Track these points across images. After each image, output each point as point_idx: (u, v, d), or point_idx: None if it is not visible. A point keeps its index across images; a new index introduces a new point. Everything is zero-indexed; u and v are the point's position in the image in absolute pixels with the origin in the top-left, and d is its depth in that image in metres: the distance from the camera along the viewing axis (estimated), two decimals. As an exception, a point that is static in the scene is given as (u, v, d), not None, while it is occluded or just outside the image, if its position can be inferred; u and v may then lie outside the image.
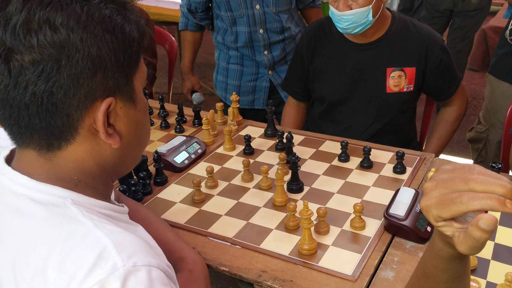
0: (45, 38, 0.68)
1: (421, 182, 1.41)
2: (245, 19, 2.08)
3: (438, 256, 0.69)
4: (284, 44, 2.17)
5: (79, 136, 0.75)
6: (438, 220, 0.62)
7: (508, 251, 1.13)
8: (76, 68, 0.70)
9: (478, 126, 2.25)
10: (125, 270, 0.67)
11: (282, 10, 2.09)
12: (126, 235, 0.73)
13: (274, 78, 2.23)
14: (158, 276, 0.71)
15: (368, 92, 1.84)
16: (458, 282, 0.73)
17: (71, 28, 0.70)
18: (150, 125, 1.81)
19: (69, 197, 0.75)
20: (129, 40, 0.75)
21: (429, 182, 0.64)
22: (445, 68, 1.82)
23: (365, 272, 1.09)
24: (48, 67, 0.69)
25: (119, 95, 0.76)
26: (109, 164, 0.81)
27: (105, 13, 0.73)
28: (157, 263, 0.72)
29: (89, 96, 0.73)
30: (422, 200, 0.64)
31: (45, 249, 0.70)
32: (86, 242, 0.69)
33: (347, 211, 1.29)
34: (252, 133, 1.73)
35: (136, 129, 0.82)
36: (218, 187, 1.43)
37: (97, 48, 0.71)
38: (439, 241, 0.68)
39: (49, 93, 0.70)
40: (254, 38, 2.12)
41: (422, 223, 1.19)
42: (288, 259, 1.14)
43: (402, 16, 1.84)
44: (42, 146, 0.76)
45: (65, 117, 0.73)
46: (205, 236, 1.23)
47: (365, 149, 1.48)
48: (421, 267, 0.76)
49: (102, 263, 0.67)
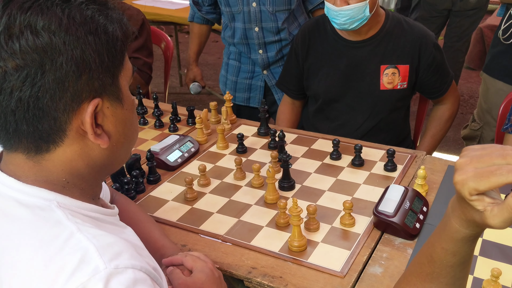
0: (27, 43, 0.68)
1: (411, 180, 1.43)
2: (241, 16, 2.10)
3: (451, 238, 0.71)
4: (280, 45, 2.16)
5: (67, 138, 0.76)
6: (473, 193, 0.64)
7: (496, 247, 1.15)
8: (60, 71, 0.70)
9: (473, 124, 2.26)
10: (107, 273, 0.67)
11: (279, 10, 2.08)
12: (110, 238, 0.73)
13: (269, 78, 2.23)
14: (141, 278, 0.71)
15: (362, 89, 1.85)
16: (463, 267, 0.75)
17: (53, 31, 0.69)
18: (145, 124, 1.83)
19: (55, 199, 0.76)
20: (112, 39, 0.75)
21: (461, 159, 0.66)
22: (438, 66, 1.84)
23: (353, 268, 1.10)
24: (32, 72, 0.69)
25: (105, 95, 0.76)
26: (98, 164, 0.81)
27: (86, 14, 0.73)
28: (141, 266, 0.72)
29: (75, 98, 0.73)
30: (456, 175, 0.65)
31: (28, 252, 0.70)
32: (69, 246, 0.70)
33: (337, 208, 1.30)
34: (245, 132, 1.74)
35: (124, 127, 0.82)
36: (211, 185, 1.44)
37: (81, 50, 0.71)
38: (457, 222, 0.70)
39: (35, 98, 0.70)
40: (249, 35, 2.13)
41: (410, 220, 1.20)
42: (278, 256, 1.15)
43: (395, 14, 1.86)
44: (31, 150, 0.76)
45: (52, 121, 0.73)
46: (197, 234, 1.25)
47: (356, 147, 1.49)
48: (426, 253, 0.77)
49: (83, 266, 0.67)
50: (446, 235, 0.72)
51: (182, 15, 3.78)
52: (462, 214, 0.68)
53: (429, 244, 0.77)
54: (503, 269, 1.06)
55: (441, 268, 0.74)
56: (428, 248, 0.76)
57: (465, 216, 0.68)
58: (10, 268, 0.71)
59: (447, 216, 0.72)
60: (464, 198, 0.65)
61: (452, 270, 0.74)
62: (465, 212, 0.68)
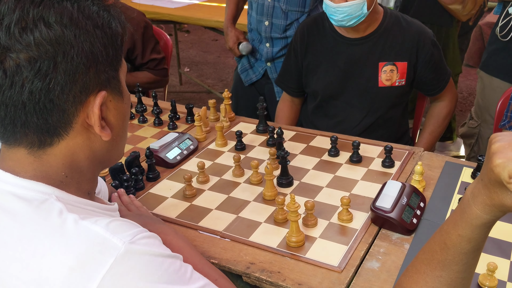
0: (41, 35, 0.70)
1: (408, 176, 1.44)
2: (256, 6, 2.16)
3: (470, 225, 0.73)
4: (286, 42, 2.20)
5: (73, 131, 0.78)
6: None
7: (491, 242, 1.16)
8: (71, 64, 0.72)
9: (470, 121, 2.27)
10: (127, 246, 0.71)
11: (292, 10, 2.11)
12: (108, 219, 0.76)
13: (271, 72, 2.29)
14: (153, 235, 0.77)
15: (360, 86, 1.86)
16: (475, 255, 0.76)
17: (65, 25, 0.72)
18: (144, 122, 1.84)
19: (53, 193, 0.77)
20: (115, 35, 0.78)
21: (498, 143, 0.68)
22: (436, 63, 1.85)
23: (351, 263, 1.11)
24: (45, 64, 0.71)
25: (109, 88, 0.79)
26: (97, 157, 0.83)
27: (93, 10, 0.76)
28: (143, 229, 0.77)
29: (83, 91, 0.75)
30: (496, 158, 0.67)
31: (33, 243, 0.71)
32: (77, 232, 0.71)
33: (335, 204, 1.31)
34: (244, 129, 1.75)
35: (124, 120, 0.86)
36: (209, 182, 1.45)
37: (90, 43, 0.74)
38: (479, 208, 0.71)
39: (46, 90, 0.72)
40: (259, 27, 2.20)
41: (408, 215, 1.21)
42: (276, 251, 1.16)
43: (393, 12, 1.87)
44: (34, 144, 0.77)
45: (61, 113, 0.75)
46: (196, 230, 1.26)
47: (354, 143, 1.50)
48: (439, 240, 0.78)
49: (102, 249, 0.70)
50: (464, 221, 0.73)
51: (181, 14, 3.78)
52: (488, 199, 0.70)
53: (442, 232, 0.78)
54: (499, 263, 1.07)
55: (454, 255, 0.76)
56: (442, 235, 0.78)
57: (491, 201, 0.69)
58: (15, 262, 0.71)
59: (465, 203, 0.74)
60: (498, 182, 0.67)
61: (465, 257, 0.76)
62: (494, 197, 0.69)
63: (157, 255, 0.74)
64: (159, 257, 0.74)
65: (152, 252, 0.73)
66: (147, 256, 0.72)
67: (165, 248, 0.78)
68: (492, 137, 0.70)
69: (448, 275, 0.77)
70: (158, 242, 0.78)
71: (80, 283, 0.67)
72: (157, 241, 0.77)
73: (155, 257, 0.73)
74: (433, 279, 0.78)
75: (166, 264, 0.74)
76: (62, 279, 0.68)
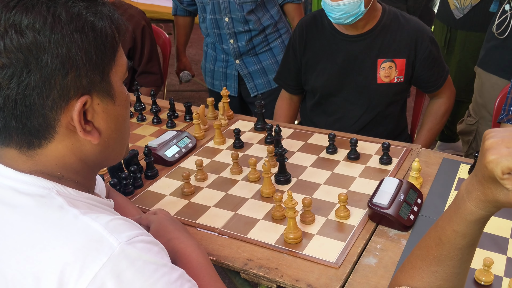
0: (11, 43, 0.69)
1: (406, 173, 1.44)
2: (211, 7, 2.20)
3: (464, 220, 0.73)
4: (250, 35, 2.23)
5: (58, 135, 0.77)
6: (505, 172, 0.65)
7: (488, 237, 1.16)
8: (46, 70, 0.71)
9: (468, 118, 2.28)
10: (123, 246, 0.70)
11: (245, 1, 2.16)
12: (108, 216, 0.76)
13: (241, 68, 2.31)
14: (151, 240, 0.76)
15: (359, 83, 1.87)
16: (470, 250, 0.77)
17: (38, 30, 0.70)
18: (143, 120, 1.85)
19: (54, 188, 0.77)
20: (101, 36, 0.76)
21: (491, 139, 0.68)
22: (434, 60, 1.85)
23: (348, 259, 1.12)
24: (18, 70, 0.70)
25: (95, 92, 0.77)
26: (90, 159, 0.83)
27: (73, 12, 0.73)
28: (143, 232, 0.77)
29: (62, 96, 0.73)
30: (489, 154, 0.67)
31: (34, 237, 0.72)
32: (75, 228, 0.72)
33: (332, 201, 1.32)
34: (242, 127, 1.75)
35: (117, 123, 0.83)
36: (208, 180, 1.45)
37: (66, 48, 0.72)
38: (473, 203, 0.71)
39: (22, 95, 0.71)
40: (220, 25, 2.23)
41: (405, 212, 1.21)
42: (273, 248, 1.17)
43: (392, 9, 1.87)
44: (23, 145, 0.77)
45: (40, 118, 0.74)
46: (194, 227, 1.26)
47: (351, 141, 1.50)
48: (434, 236, 0.78)
49: (97, 246, 0.70)
50: (459, 217, 0.73)
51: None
52: (482, 195, 0.70)
53: (437, 228, 0.78)
54: (495, 258, 1.08)
55: (449, 251, 0.76)
56: (437, 231, 0.78)
57: (485, 197, 0.70)
58: (15, 255, 0.72)
59: (459, 199, 0.74)
60: (491, 178, 0.67)
61: (460, 253, 0.76)
62: (487, 193, 0.69)
63: (152, 262, 0.72)
64: (153, 264, 0.72)
65: (146, 257, 0.72)
66: (141, 261, 0.71)
67: (163, 257, 0.76)
68: (486, 133, 0.70)
69: (443, 270, 0.78)
70: (157, 249, 0.76)
71: (74, 278, 0.68)
72: (156, 247, 0.76)
73: (149, 263, 0.72)
74: (429, 274, 0.79)
75: (159, 273, 0.73)
76: (57, 273, 0.68)
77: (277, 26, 2.28)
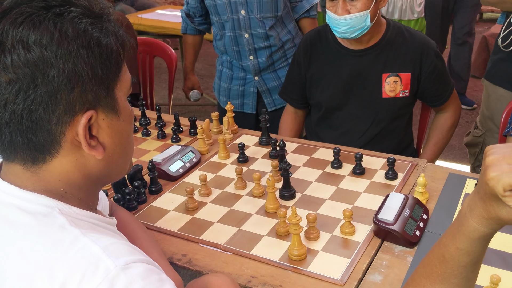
0: (18, 58, 0.70)
1: (412, 188, 1.43)
2: (230, 24, 2.17)
3: (468, 238, 0.72)
4: (270, 51, 2.21)
5: (63, 150, 0.77)
6: (507, 189, 0.65)
7: (495, 254, 1.14)
8: (52, 85, 0.71)
9: (475, 130, 2.26)
10: (118, 271, 0.69)
11: (266, 17, 2.15)
12: (110, 239, 0.75)
13: (260, 84, 2.28)
14: (150, 268, 0.74)
15: (364, 98, 1.86)
16: (475, 268, 0.76)
17: (45, 46, 0.71)
18: (147, 135, 1.85)
19: (57, 206, 0.77)
20: (106, 52, 0.76)
21: (492, 156, 0.67)
22: (439, 74, 1.85)
23: (353, 276, 1.10)
24: (25, 86, 0.70)
25: (100, 107, 0.78)
26: (94, 174, 0.83)
27: (79, 28, 0.74)
28: (145, 258, 0.75)
29: (68, 111, 0.74)
30: (490, 171, 0.66)
31: (33, 256, 0.72)
32: (74, 249, 0.71)
33: (337, 217, 1.30)
34: (246, 141, 1.75)
35: (121, 138, 0.84)
36: (212, 195, 1.45)
37: (73, 63, 0.72)
38: (476, 221, 0.70)
39: (28, 110, 0.72)
40: (240, 42, 2.20)
41: (410, 228, 1.20)
42: (278, 265, 1.16)
43: (396, 23, 1.88)
44: (27, 160, 0.77)
45: (46, 133, 0.74)
46: (197, 243, 1.25)
47: (356, 155, 1.49)
48: (437, 254, 0.77)
49: (93, 268, 0.69)
50: (462, 234, 0.73)
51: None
52: (485, 212, 0.69)
53: (440, 245, 0.77)
54: (503, 276, 1.06)
55: (453, 269, 0.75)
56: (440, 249, 0.77)
57: (487, 214, 0.69)
58: (14, 273, 0.72)
59: (462, 216, 0.73)
60: (493, 195, 0.66)
61: (464, 270, 0.75)
62: (490, 210, 0.68)
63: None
64: None
65: (143, 283, 0.70)
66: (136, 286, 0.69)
67: (162, 285, 0.73)
68: (487, 150, 0.69)
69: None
70: (156, 277, 0.74)
71: None
72: (155, 275, 0.73)
73: None
74: None
75: None
76: None
77: (294, 41, 2.27)
